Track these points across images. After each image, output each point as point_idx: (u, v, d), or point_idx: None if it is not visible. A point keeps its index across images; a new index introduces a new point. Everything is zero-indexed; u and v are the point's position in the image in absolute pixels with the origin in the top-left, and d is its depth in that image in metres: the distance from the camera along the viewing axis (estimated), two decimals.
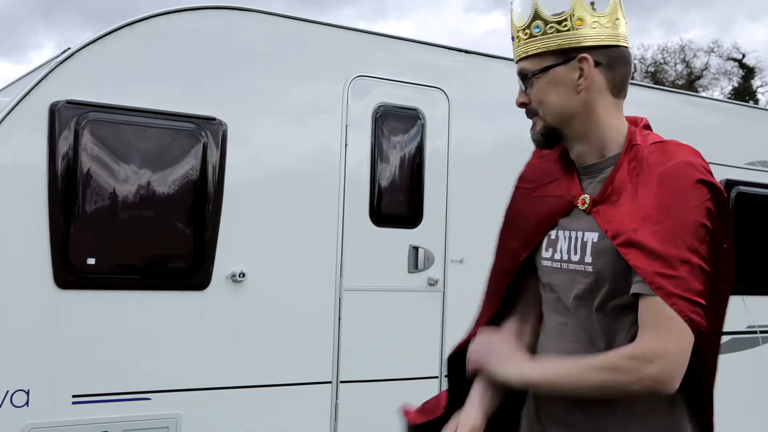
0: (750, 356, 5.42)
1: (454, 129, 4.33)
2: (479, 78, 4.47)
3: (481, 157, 4.15)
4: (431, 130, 4.26)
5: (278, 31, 3.90)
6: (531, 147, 1.99)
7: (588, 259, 1.67)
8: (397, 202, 4.17)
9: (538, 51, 1.71)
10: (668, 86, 24.21)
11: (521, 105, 1.82)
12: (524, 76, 1.76)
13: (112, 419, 3.44)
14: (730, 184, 5.37)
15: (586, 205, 1.71)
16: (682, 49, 32.43)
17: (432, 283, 4.21)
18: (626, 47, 1.76)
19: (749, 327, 5.43)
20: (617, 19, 1.74)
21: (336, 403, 3.95)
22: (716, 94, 30.00)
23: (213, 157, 3.67)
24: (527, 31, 1.74)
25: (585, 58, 1.67)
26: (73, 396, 3.38)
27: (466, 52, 4.45)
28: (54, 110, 3.36)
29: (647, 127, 1.82)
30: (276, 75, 3.88)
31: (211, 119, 3.68)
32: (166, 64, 3.63)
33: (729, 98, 26.68)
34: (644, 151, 1.68)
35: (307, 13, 3.94)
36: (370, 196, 4.08)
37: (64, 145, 3.36)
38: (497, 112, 4.52)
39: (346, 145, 4.02)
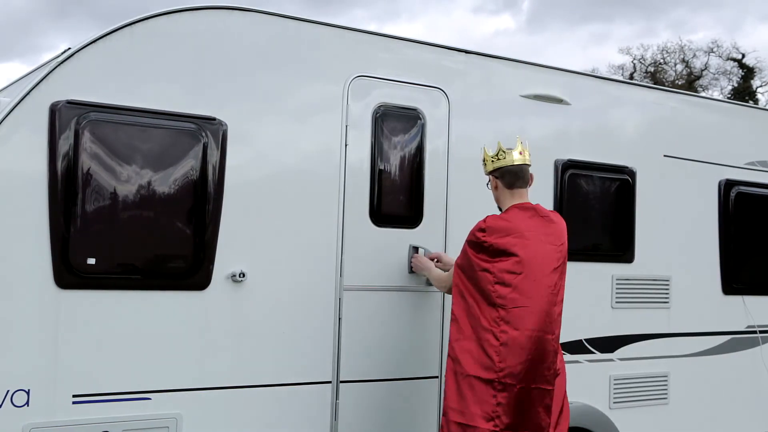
0: (750, 356, 5.43)
1: (454, 129, 4.33)
2: (479, 78, 4.48)
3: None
4: (431, 130, 4.26)
5: (278, 31, 3.90)
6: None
7: None
8: (397, 202, 4.17)
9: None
10: (668, 86, 24.21)
11: None
12: None
13: (112, 419, 3.44)
14: (730, 184, 5.37)
15: None
16: (682, 49, 32.45)
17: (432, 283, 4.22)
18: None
19: (749, 327, 5.43)
20: (488, 161, 3.96)
21: (336, 403, 3.95)
22: (716, 94, 30.01)
23: (213, 157, 3.67)
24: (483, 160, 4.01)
25: (493, 182, 3.97)
26: (73, 396, 3.39)
27: (466, 52, 4.45)
28: (54, 110, 3.36)
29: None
30: (276, 75, 3.89)
31: (211, 119, 3.69)
32: (166, 64, 3.63)
33: (729, 98, 26.69)
34: None
35: (318, 15, 3.96)
36: (370, 196, 4.08)
37: (64, 145, 3.36)
38: (497, 112, 4.53)
39: (346, 145, 4.02)
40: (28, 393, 3.30)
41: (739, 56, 31.28)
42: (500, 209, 3.94)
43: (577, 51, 44.22)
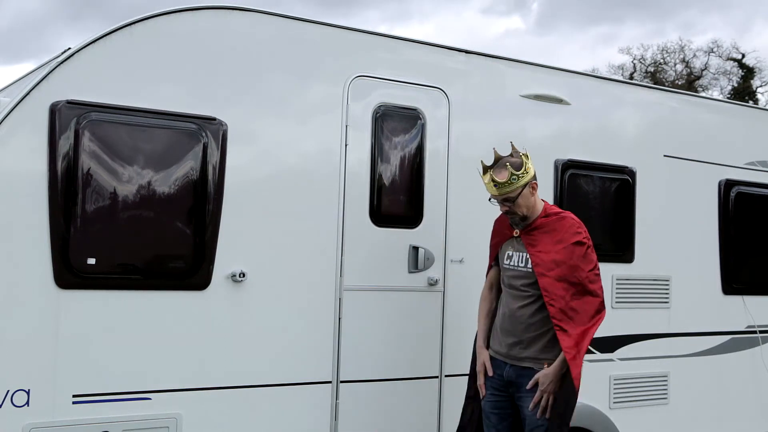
0: (750, 356, 5.43)
1: (454, 129, 4.33)
2: (480, 78, 4.48)
3: (481, 157, 4.14)
4: (431, 130, 4.26)
5: (278, 31, 3.90)
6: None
7: (530, 265, 3.73)
8: (397, 202, 4.17)
9: (518, 186, 3.69)
10: (668, 86, 24.21)
11: (507, 212, 3.78)
12: (509, 199, 3.71)
13: (112, 419, 3.44)
14: (730, 184, 5.37)
15: (518, 235, 3.81)
16: (682, 49, 32.45)
17: (432, 283, 4.21)
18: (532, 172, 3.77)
19: (749, 327, 5.43)
20: (527, 164, 3.73)
21: (336, 403, 3.95)
22: (716, 94, 30.00)
23: (213, 157, 3.67)
24: (508, 181, 3.67)
25: (535, 182, 3.76)
26: (73, 396, 3.39)
27: (467, 52, 4.45)
28: (54, 110, 3.36)
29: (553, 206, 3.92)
30: (276, 75, 3.89)
31: (211, 119, 3.69)
32: (166, 64, 3.63)
33: (729, 98, 26.68)
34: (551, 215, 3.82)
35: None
36: (370, 196, 4.08)
37: (64, 146, 3.36)
38: (497, 112, 4.53)
39: (346, 145, 4.02)
40: (28, 393, 3.30)
41: (739, 56, 31.29)
42: (526, 217, 3.76)
43: (586, 52, 44.38)
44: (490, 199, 3.83)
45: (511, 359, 3.76)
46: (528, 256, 3.73)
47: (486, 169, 3.79)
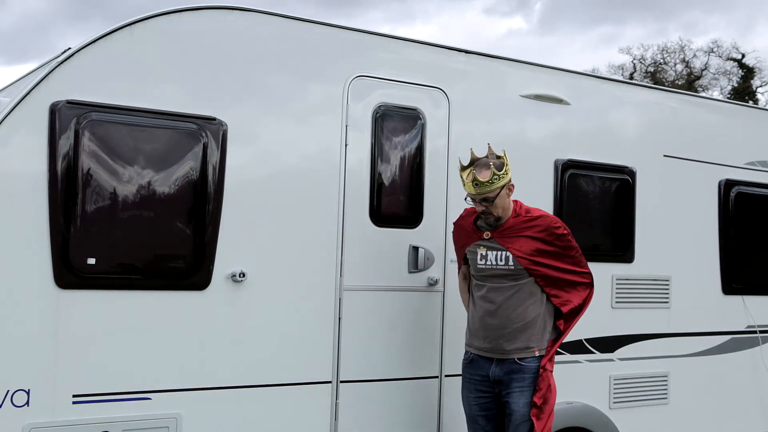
0: (750, 356, 5.43)
1: (454, 129, 4.33)
2: (479, 78, 4.47)
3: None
4: (431, 130, 4.26)
5: (278, 31, 3.90)
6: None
7: (511, 262, 3.82)
8: (397, 202, 4.17)
9: (498, 187, 3.78)
10: (668, 86, 24.20)
11: (483, 212, 3.85)
12: (488, 199, 3.79)
13: (112, 419, 3.44)
14: (730, 184, 5.37)
15: (489, 237, 3.89)
16: (682, 49, 32.45)
17: (432, 283, 4.21)
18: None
19: (749, 327, 5.43)
20: (507, 165, 3.83)
21: (336, 403, 3.95)
22: (716, 94, 30.01)
23: (213, 157, 3.67)
24: (490, 181, 3.74)
25: (512, 184, 3.87)
26: (73, 396, 3.39)
27: (467, 52, 4.45)
28: (54, 110, 3.36)
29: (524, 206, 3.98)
30: (276, 75, 3.88)
31: (211, 119, 3.69)
32: (166, 64, 3.63)
33: (729, 98, 26.68)
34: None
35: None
36: (370, 196, 4.08)
37: (64, 146, 3.36)
38: (497, 112, 4.53)
39: (346, 145, 4.02)
40: (28, 393, 3.30)
41: (739, 56, 31.29)
42: (500, 218, 3.89)
43: (588, 53, 44.48)
44: (466, 198, 3.94)
45: (497, 353, 3.82)
46: (508, 255, 3.83)
47: (464, 168, 3.85)
